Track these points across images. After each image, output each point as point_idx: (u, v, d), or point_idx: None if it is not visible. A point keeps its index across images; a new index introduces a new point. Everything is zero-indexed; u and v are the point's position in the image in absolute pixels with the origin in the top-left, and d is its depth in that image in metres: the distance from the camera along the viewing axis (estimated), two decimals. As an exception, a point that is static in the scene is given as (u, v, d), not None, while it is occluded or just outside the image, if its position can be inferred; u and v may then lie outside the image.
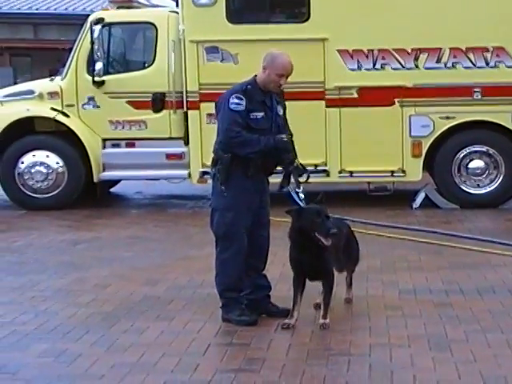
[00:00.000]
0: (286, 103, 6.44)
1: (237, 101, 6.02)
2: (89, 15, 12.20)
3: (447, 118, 10.97)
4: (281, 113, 6.27)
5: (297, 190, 6.19)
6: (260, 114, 6.11)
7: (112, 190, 13.29)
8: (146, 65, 11.75)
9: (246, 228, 6.17)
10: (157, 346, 5.75)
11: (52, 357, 5.55)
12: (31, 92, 11.89)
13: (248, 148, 6.04)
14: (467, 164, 11.15)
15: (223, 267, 6.22)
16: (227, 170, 6.07)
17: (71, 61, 11.73)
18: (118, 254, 8.74)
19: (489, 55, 10.84)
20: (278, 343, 5.78)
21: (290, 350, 5.64)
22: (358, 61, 11.00)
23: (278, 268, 7.25)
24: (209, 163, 10.57)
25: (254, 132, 6.07)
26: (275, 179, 6.42)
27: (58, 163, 11.70)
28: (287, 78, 6.17)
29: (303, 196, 6.17)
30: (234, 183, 6.09)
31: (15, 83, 17.88)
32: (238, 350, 5.66)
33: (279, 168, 6.29)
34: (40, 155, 11.72)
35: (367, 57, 10.98)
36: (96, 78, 11.41)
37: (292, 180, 6.28)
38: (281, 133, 6.20)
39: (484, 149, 11.13)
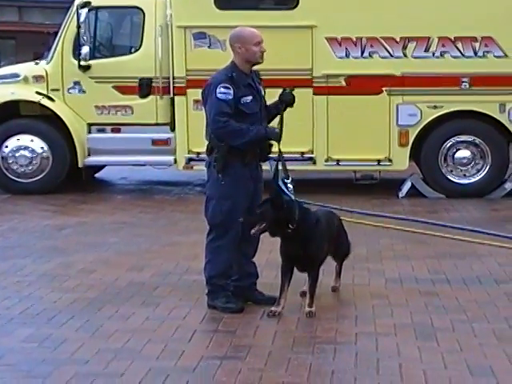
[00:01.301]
0: (274, 90, 6.40)
1: (224, 90, 5.99)
2: (75, -2, 12.09)
3: (435, 107, 10.96)
4: (263, 93, 6.26)
5: (285, 180, 6.17)
6: (249, 98, 6.10)
7: (97, 175, 13.21)
8: (133, 50, 11.67)
9: (241, 216, 6.13)
10: (142, 332, 5.73)
11: (36, 342, 5.52)
12: (16, 75, 11.79)
13: (238, 138, 6.01)
14: (454, 154, 11.14)
15: (216, 254, 6.19)
16: (225, 158, 6.03)
17: (57, 44, 11.64)
18: (103, 240, 8.69)
19: (477, 45, 10.83)
20: (264, 331, 5.77)
21: (276, 337, 5.63)
22: (346, 49, 10.96)
23: (265, 255, 7.21)
24: (195, 149, 10.79)
25: (246, 117, 6.05)
26: (265, 166, 6.40)
27: (42, 148, 11.61)
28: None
29: (291, 187, 6.14)
30: (231, 171, 6.06)
31: None
32: (223, 337, 5.64)
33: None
34: (24, 139, 11.63)
35: (355, 45, 10.95)
36: (82, 63, 11.33)
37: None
38: (268, 113, 6.21)
39: (471, 139, 11.13)
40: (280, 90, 6.34)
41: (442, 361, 5.13)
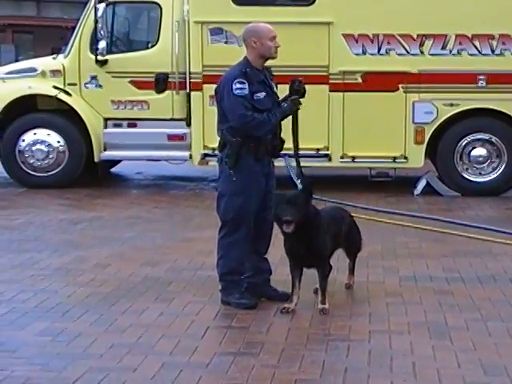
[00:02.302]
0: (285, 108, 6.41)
1: (240, 86, 5.99)
2: (93, -7, 12.11)
3: (451, 105, 10.92)
4: (275, 89, 6.26)
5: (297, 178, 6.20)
6: (262, 94, 6.10)
7: (112, 169, 13.25)
8: (150, 45, 11.69)
9: (254, 212, 6.15)
10: (156, 327, 5.74)
11: (51, 335, 5.54)
12: (33, 70, 11.83)
13: (263, 128, 6.04)
14: (470, 152, 11.11)
15: (228, 250, 6.20)
16: (237, 154, 6.04)
17: (74, 39, 11.67)
18: (118, 234, 8.71)
19: (494, 43, 10.79)
20: (278, 327, 5.77)
21: (289, 334, 5.63)
22: (363, 45, 10.94)
23: (279, 251, 7.16)
24: (210, 145, 10.80)
25: (259, 113, 6.05)
26: (280, 162, 6.41)
27: (59, 142, 11.65)
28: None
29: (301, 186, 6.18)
30: (243, 167, 6.06)
31: (17, 60, 17.84)
32: (237, 333, 5.65)
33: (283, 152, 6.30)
34: (41, 133, 11.67)
35: (372, 41, 10.92)
36: (99, 57, 11.36)
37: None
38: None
39: (487, 137, 11.09)
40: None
41: (456, 360, 5.12)
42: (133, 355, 5.19)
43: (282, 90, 6.37)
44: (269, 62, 6.25)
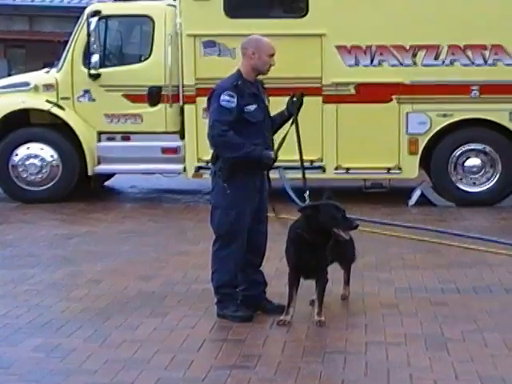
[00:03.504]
0: (283, 99, 6.40)
1: (228, 98, 5.98)
2: (85, 7, 12.12)
3: (444, 115, 10.92)
4: (267, 103, 6.25)
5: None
6: (253, 107, 6.09)
7: (106, 183, 13.22)
8: (143, 58, 11.69)
9: (248, 225, 6.13)
10: (151, 342, 5.70)
11: (45, 352, 5.51)
12: (26, 84, 11.81)
13: (228, 151, 6.00)
14: (464, 162, 11.11)
15: (222, 264, 6.18)
16: (230, 167, 6.02)
17: (67, 53, 11.66)
18: (112, 249, 8.68)
19: (487, 53, 10.80)
20: (274, 340, 5.74)
21: (285, 346, 5.60)
22: (356, 57, 10.95)
23: (274, 264, 7.20)
24: (204, 158, 10.78)
25: (250, 126, 6.04)
26: (274, 174, 6.39)
27: (52, 156, 11.62)
28: None
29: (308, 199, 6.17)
30: (236, 181, 6.05)
31: (9, 75, 17.80)
32: (233, 346, 5.62)
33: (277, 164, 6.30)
34: (34, 148, 11.64)
35: (365, 53, 10.93)
36: (92, 71, 11.35)
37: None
38: (273, 123, 6.22)
39: (481, 147, 11.09)
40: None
41: (453, 371, 5.09)
42: (127, 371, 5.15)
43: (275, 102, 6.36)
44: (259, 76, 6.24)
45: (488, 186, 11.11)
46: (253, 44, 6.15)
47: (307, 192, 6.27)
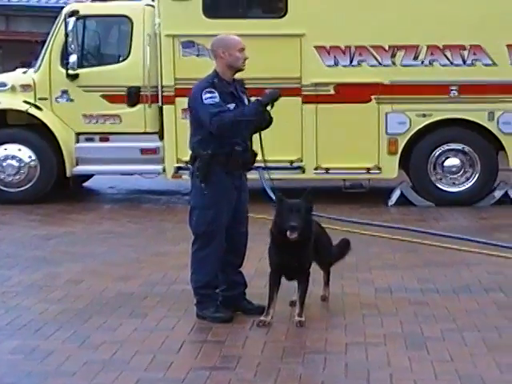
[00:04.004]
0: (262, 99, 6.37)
1: (209, 95, 5.97)
2: (63, 7, 12.05)
3: (424, 115, 10.96)
4: (246, 103, 6.22)
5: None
6: (232, 105, 6.07)
7: (85, 184, 13.15)
8: (121, 58, 11.63)
9: (225, 225, 6.11)
10: (130, 343, 5.67)
11: (23, 354, 5.46)
12: (3, 84, 11.72)
13: (238, 125, 5.97)
14: (443, 162, 11.14)
15: (201, 264, 6.15)
16: (207, 167, 6.00)
17: (44, 53, 11.59)
18: (90, 250, 8.63)
19: (466, 53, 10.84)
20: (254, 341, 5.72)
21: (265, 347, 5.58)
22: (335, 57, 10.96)
23: (254, 264, 7.19)
24: (184, 158, 10.74)
25: None
26: (253, 175, 6.38)
27: (30, 157, 11.55)
28: None
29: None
30: (213, 180, 6.03)
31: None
32: (212, 347, 5.60)
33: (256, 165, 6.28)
34: (12, 148, 11.57)
35: (344, 53, 10.94)
36: (70, 71, 11.29)
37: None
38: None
39: (460, 147, 11.13)
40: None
41: (433, 371, 5.09)
42: (107, 372, 5.12)
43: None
44: (241, 75, 6.23)
45: (467, 186, 11.15)
46: (220, 43, 6.14)
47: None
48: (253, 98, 6.24)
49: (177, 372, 5.11)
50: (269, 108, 6.12)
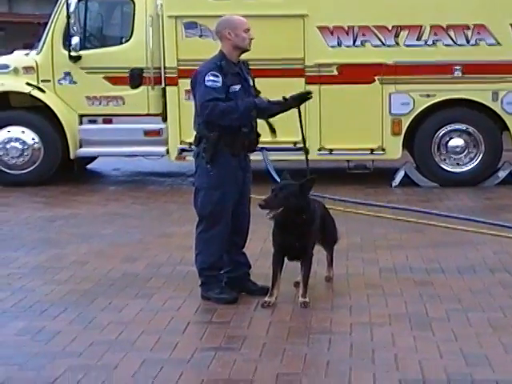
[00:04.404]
0: (266, 80, 6.39)
1: (213, 78, 5.95)
2: (65, -11, 12.00)
3: (427, 95, 10.92)
4: (251, 84, 6.21)
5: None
6: (237, 87, 6.06)
7: (89, 166, 13.15)
8: (124, 40, 11.60)
9: (231, 206, 6.12)
10: (136, 323, 5.69)
11: (29, 335, 5.48)
12: (6, 66, 11.70)
13: (230, 115, 5.94)
14: (447, 142, 11.12)
15: (207, 245, 6.16)
16: (214, 148, 5.99)
17: (47, 35, 11.55)
18: (96, 231, 8.64)
19: (469, 33, 10.79)
20: (259, 321, 5.74)
21: (270, 328, 5.60)
22: (338, 37, 10.92)
23: (258, 245, 7.20)
24: (187, 140, 10.74)
25: None
26: (256, 156, 6.38)
27: (33, 139, 11.55)
28: None
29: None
30: (220, 161, 6.02)
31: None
32: (217, 328, 5.61)
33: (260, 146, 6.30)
34: (15, 131, 11.56)
35: (347, 33, 10.90)
36: (72, 53, 11.27)
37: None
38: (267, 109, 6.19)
39: (464, 127, 11.10)
40: (272, 80, 6.33)
41: (438, 350, 5.11)
42: (113, 352, 5.14)
43: (258, 84, 6.32)
44: (244, 56, 6.21)
45: (471, 166, 11.13)
46: (226, 24, 6.12)
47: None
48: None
49: (182, 352, 5.13)
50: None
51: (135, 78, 11.34)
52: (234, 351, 5.14)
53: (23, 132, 11.55)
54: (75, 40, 11.21)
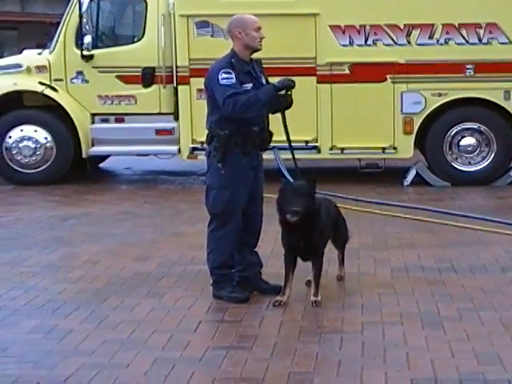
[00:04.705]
0: (278, 79, 6.38)
1: (226, 75, 5.96)
2: (78, -12, 12.04)
3: (439, 94, 10.91)
4: (264, 82, 6.21)
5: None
6: (249, 85, 6.06)
7: (101, 165, 13.19)
8: (136, 39, 11.63)
9: (243, 205, 6.12)
10: (147, 322, 5.70)
11: (42, 333, 5.50)
12: (19, 66, 11.75)
13: (253, 108, 5.95)
14: (459, 141, 11.10)
15: (218, 244, 6.17)
16: (225, 147, 6.01)
17: (59, 34, 11.60)
18: (108, 230, 8.67)
19: (481, 31, 10.76)
20: (270, 320, 5.74)
21: (281, 327, 5.60)
22: (350, 36, 10.91)
23: (270, 244, 7.20)
24: (199, 139, 10.76)
25: None
26: (269, 155, 6.39)
27: (46, 138, 11.59)
28: None
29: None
30: (231, 160, 6.04)
31: (1, 57, 17.69)
32: (229, 326, 5.62)
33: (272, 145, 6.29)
34: (28, 130, 11.61)
35: (359, 32, 10.89)
36: (85, 52, 11.30)
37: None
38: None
39: (476, 126, 11.08)
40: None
41: (449, 350, 5.10)
42: (125, 351, 5.15)
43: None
44: (256, 54, 6.22)
45: (483, 165, 11.11)
46: (237, 23, 6.12)
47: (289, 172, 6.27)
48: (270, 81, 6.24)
49: (194, 351, 5.14)
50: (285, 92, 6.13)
51: (147, 77, 11.37)
52: (245, 350, 5.15)
53: (36, 131, 11.59)
54: (87, 39, 11.24)
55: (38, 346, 5.27)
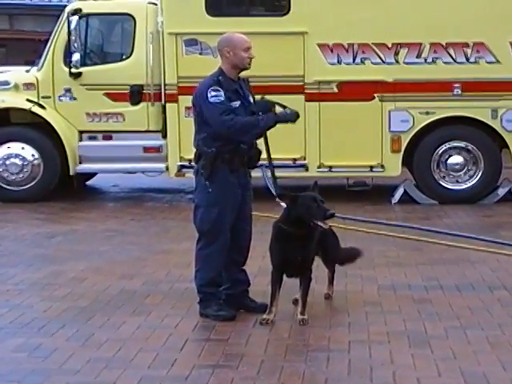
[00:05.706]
0: (265, 97, 6.40)
1: (215, 93, 5.96)
2: (66, 6, 12.06)
3: (427, 113, 10.94)
4: (251, 101, 6.22)
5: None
6: (237, 103, 6.07)
7: (88, 182, 13.16)
8: (124, 57, 11.63)
9: (230, 223, 6.11)
10: (133, 341, 5.67)
11: (27, 351, 5.47)
12: (6, 83, 11.73)
13: (249, 132, 5.99)
14: (446, 159, 11.13)
15: (206, 262, 6.15)
16: (212, 165, 6.01)
17: (48, 52, 11.59)
18: (94, 248, 8.64)
19: (469, 51, 10.82)
20: (257, 339, 5.72)
21: (268, 345, 5.58)
22: (338, 55, 10.94)
23: (257, 262, 7.19)
24: (187, 157, 10.75)
25: None
26: (258, 173, 6.39)
27: (33, 155, 11.56)
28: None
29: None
30: (218, 178, 6.03)
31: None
32: (215, 345, 5.59)
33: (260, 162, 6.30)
34: (15, 147, 11.58)
35: (347, 51, 10.93)
36: (73, 70, 11.29)
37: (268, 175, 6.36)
38: None
39: (463, 144, 11.12)
40: (272, 97, 6.36)
41: (436, 368, 5.09)
42: (110, 370, 5.12)
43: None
44: (244, 72, 6.22)
45: (471, 184, 11.14)
46: (226, 42, 6.13)
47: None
48: (258, 96, 6.25)
49: (180, 370, 5.12)
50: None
51: (135, 95, 11.36)
52: (231, 369, 5.12)
53: (23, 148, 11.56)
54: (76, 57, 11.23)
55: (22, 365, 5.22)
